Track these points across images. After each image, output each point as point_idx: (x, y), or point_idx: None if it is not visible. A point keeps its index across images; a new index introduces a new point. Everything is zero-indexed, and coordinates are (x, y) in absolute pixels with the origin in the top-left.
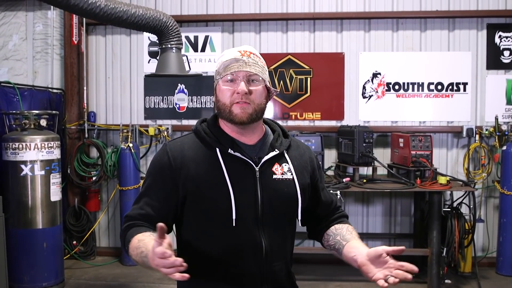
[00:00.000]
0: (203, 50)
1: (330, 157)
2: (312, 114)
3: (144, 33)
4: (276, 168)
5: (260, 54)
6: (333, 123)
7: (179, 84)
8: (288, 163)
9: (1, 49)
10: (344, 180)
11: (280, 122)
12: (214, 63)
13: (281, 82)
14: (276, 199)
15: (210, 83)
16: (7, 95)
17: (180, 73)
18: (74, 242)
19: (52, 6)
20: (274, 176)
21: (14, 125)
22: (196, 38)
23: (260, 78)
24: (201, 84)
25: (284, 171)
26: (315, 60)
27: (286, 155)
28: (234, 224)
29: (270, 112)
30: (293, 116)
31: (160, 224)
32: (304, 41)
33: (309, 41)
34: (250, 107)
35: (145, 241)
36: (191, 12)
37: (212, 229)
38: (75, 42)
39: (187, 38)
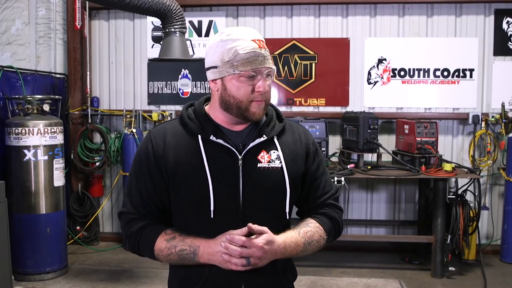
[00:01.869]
0: (207, 35)
1: (335, 143)
2: (317, 100)
3: (148, 17)
4: (262, 155)
5: (265, 39)
6: (337, 109)
7: (182, 69)
8: (277, 150)
9: (4, 34)
10: (348, 166)
11: (284, 108)
12: None
13: (286, 67)
14: (259, 190)
15: None
16: (10, 80)
17: (183, 57)
18: (78, 227)
19: None
20: (259, 165)
21: (17, 110)
22: (200, 22)
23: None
24: (205, 69)
25: (271, 159)
26: (320, 46)
27: (276, 141)
28: (212, 216)
29: (274, 98)
30: (298, 102)
31: (250, 226)
32: (309, 26)
33: (314, 26)
34: (265, 104)
35: (181, 239)
36: None
37: (191, 220)
38: (78, 26)
39: (191, 23)
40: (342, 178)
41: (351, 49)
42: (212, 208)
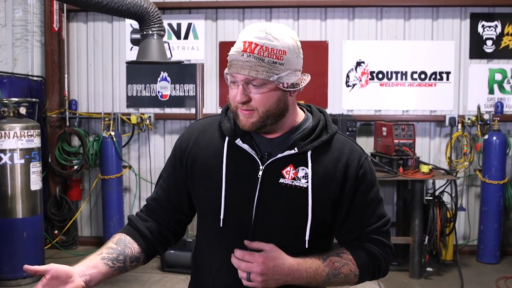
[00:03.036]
0: (186, 37)
1: None
2: None
3: (126, 20)
4: (288, 170)
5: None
6: None
7: (161, 72)
8: (307, 168)
9: None
10: None
11: None
12: (197, 51)
13: None
14: (274, 208)
15: (193, 71)
16: None
17: (161, 60)
18: (56, 231)
19: None
20: (281, 180)
21: None
22: (179, 25)
23: (267, 80)
24: (184, 72)
25: (298, 176)
26: None
27: (309, 156)
28: (221, 225)
29: None
30: None
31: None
32: None
33: (293, 29)
34: (254, 115)
35: (98, 251)
36: None
37: (205, 224)
38: (56, 29)
39: (170, 25)
40: None
41: (329, 52)
42: (221, 217)
